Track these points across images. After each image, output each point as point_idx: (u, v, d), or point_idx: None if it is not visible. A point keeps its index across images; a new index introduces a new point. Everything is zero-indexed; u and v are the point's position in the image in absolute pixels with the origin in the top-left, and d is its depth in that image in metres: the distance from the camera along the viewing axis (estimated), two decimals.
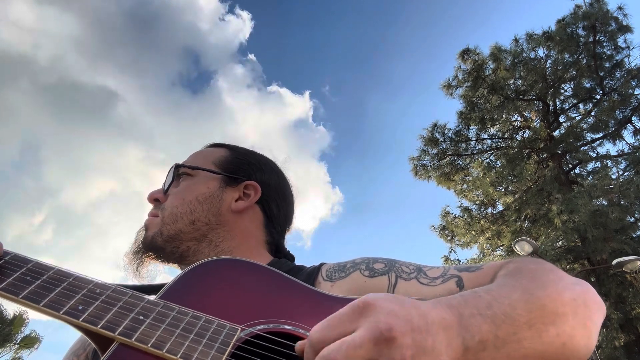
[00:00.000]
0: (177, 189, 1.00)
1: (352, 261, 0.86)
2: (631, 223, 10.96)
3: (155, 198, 1.01)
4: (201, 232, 0.95)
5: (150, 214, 1.00)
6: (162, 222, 0.95)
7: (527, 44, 13.23)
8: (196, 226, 0.95)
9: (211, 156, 1.06)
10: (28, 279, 0.58)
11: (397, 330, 0.44)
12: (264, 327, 0.62)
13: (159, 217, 0.97)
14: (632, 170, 11.73)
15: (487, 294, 0.56)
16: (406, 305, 0.48)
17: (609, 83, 12.75)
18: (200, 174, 1.02)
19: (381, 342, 0.44)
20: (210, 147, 1.13)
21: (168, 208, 0.97)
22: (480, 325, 0.51)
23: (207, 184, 1.00)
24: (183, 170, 1.02)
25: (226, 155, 1.07)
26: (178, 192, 0.99)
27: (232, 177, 1.02)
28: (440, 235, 13.76)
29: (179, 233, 0.94)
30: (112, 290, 0.61)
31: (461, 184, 14.19)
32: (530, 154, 13.05)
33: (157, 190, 1.03)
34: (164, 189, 1.02)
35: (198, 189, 0.99)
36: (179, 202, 0.97)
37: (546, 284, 0.59)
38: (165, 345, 0.54)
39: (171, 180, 1.02)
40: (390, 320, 0.45)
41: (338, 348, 0.44)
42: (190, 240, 0.95)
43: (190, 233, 0.95)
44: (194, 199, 0.97)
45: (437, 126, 14.10)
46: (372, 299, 0.48)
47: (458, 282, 0.74)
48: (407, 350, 0.44)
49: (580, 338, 0.57)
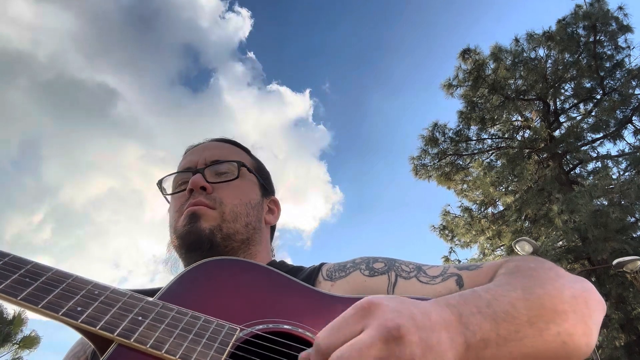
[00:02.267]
0: (228, 185, 0.97)
1: (352, 261, 0.86)
2: (632, 223, 10.96)
3: (202, 186, 0.94)
4: (249, 234, 0.96)
5: (201, 202, 0.92)
6: (221, 218, 0.92)
7: (528, 43, 13.21)
8: (248, 229, 0.96)
9: (246, 160, 1.07)
10: (27, 280, 0.58)
11: (405, 328, 0.44)
12: (263, 327, 0.62)
13: (217, 211, 0.92)
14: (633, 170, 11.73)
15: (487, 293, 0.56)
16: (408, 304, 0.48)
17: (609, 83, 12.74)
18: (247, 176, 1.03)
19: (390, 340, 0.44)
20: (233, 146, 1.11)
21: (228, 204, 0.94)
22: (481, 324, 0.51)
23: (254, 189, 1.03)
24: (242, 171, 1.01)
25: (256, 163, 1.10)
26: (233, 190, 0.97)
27: (266, 188, 1.08)
28: (441, 235, 13.76)
29: (235, 233, 0.93)
30: (111, 291, 0.61)
31: (461, 184, 14.18)
32: (531, 153, 13.05)
33: (200, 177, 0.95)
34: (205, 178, 0.96)
35: (250, 193, 1.01)
36: (237, 202, 0.96)
37: (546, 282, 0.59)
38: (164, 345, 0.54)
39: (235, 176, 0.98)
40: (397, 318, 0.45)
41: (349, 350, 0.43)
42: (239, 241, 0.94)
43: (242, 235, 0.94)
44: (249, 202, 0.98)
45: (437, 126, 14.09)
46: (375, 298, 0.48)
47: (458, 280, 0.74)
48: (416, 348, 0.44)
49: (581, 336, 0.57)
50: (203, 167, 0.99)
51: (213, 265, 0.71)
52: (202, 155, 1.02)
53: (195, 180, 0.94)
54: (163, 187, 1.06)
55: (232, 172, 1.00)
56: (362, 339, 0.44)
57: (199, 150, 1.06)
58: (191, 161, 1.02)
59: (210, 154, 1.02)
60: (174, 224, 0.96)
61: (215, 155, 1.02)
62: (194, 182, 0.94)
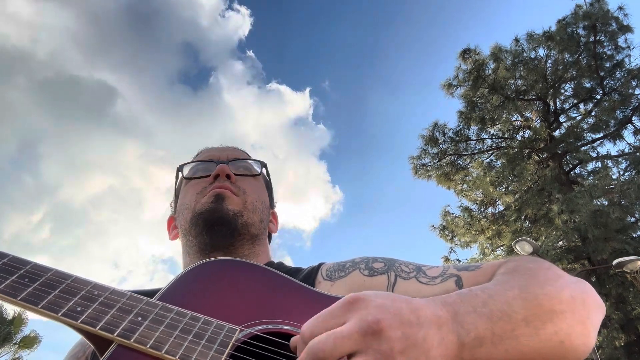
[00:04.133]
0: (249, 181, 1.03)
1: (352, 260, 0.87)
2: (632, 223, 10.96)
3: (228, 174, 0.99)
4: (259, 232, 1.00)
5: (227, 187, 0.97)
6: (244, 206, 0.97)
7: (528, 43, 13.22)
8: (262, 225, 1.01)
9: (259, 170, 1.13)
10: (26, 281, 0.58)
11: (385, 323, 0.45)
12: (262, 328, 0.62)
13: (240, 199, 0.97)
14: (633, 170, 11.73)
15: (484, 292, 0.56)
16: (397, 301, 0.49)
17: (609, 83, 12.74)
18: (261, 181, 1.10)
19: (368, 334, 0.44)
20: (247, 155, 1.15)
21: (250, 196, 0.99)
22: (476, 322, 0.51)
23: (265, 193, 1.09)
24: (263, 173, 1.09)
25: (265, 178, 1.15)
26: (253, 186, 1.03)
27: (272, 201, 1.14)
28: (441, 235, 13.76)
29: (252, 225, 0.97)
30: (111, 291, 0.61)
31: (461, 184, 14.18)
32: (531, 153, 13.05)
33: (226, 166, 1.00)
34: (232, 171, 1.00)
35: (263, 195, 1.07)
36: (256, 197, 1.01)
37: (544, 282, 0.59)
38: (164, 346, 0.54)
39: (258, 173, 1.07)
40: (379, 313, 0.46)
41: (326, 338, 0.45)
42: (251, 234, 0.98)
43: (256, 228, 0.99)
44: (264, 202, 1.05)
45: (437, 126, 14.10)
46: (362, 294, 0.49)
47: (457, 281, 0.74)
48: (395, 343, 0.44)
49: (578, 336, 0.57)
50: (226, 160, 1.04)
51: (213, 265, 0.71)
52: (224, 152, 1.09)
53: (222, 167, 0.99)
54: (183, 173, 1.08)
55: (255, 169, 1.07)
56: (340, 330, 0.45)
57: (220, 149, 1.13)
58: (213, 155, 1.08)
59: (231, 153, 1.10)
60: (192, 206, 0.97)
61: (236, 155, 1.10)
62: (221, 168, 0.99)
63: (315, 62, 40.98)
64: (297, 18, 42.11)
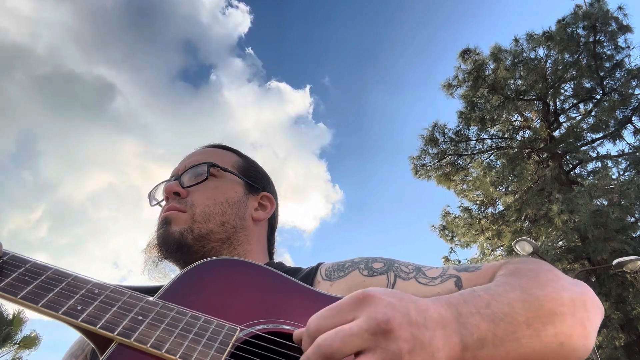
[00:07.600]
0: (203, 187, 1.00)
1: (351, 260, 0.86)
2: (632, 223, 10.96)
3: (175, 191, 0.98)
4: (228, 234, 0.97)
5: (172, 207, 0.96)
6: (192, 220, 0.94)
7: (528, 44, 13.22)
8: (225, 228, 0.97)
9: (229, 160, 1.09)
10: (26, 279, 0.58)
11: (395, 322, 0.44)
12: (263, 327, 0.62)
13: (187, 214, 0.95)
14: (633, 170, 11.74)
15: (486, 293, 0.56)
16: (405, 300, 0.49)
17: (609, 83, 12.74)
18: (226, 176, 1.04)
19: (378, 332, 0.44)
20: (219, 149, 1.13)
21: (199, 206, 0.96)
22: (479, 324, 0.51)
23: (234, 188, 1.03)
24: (214, 171, 1.03)
25: (242, 162, 1.11)
26: (206, 191, 0.99)
27: (253, 186, 1.08)
28: (441, 235, 13.77)
29: (209, 233, 0.95)
30: (111, 290, 0.61)
31: (461, 184, 14.19)
32: (531, 154, 13.06)
33: (175, 184, 0.99)
34: (182, 184, 1.00)
35: (227, 191, 1.01)
36: (210, 202, 0.97)
37: (545, 284, 0.59)
38: (165, 345, 0.54)
39: (205, 177, 1.00)
40: (389, 312, 0.45)
41: (334, 335, 0.44)
42: (217, 241, 0.96)
43: (219, 234, 0.96)
44: (225, 201, 0.99)
45: (437, 126, 14.10)
46: (372, 290, 0.49)
47: (457, 282, 0.74)
48: (403, 343, 0.44)
49: (578, 338, 0.57)
50: (182, 173, 1.03)
51: (213, 265, 0.71)
52: (184, 163, 1.07)
53: (167, 188, 0.99)
54: (154, 198, 1.09)
55: (204, 173, 1.02)
56: (349, 327, 0.45)
57: (185, 158, 1.10)
58: (175, 169, 1.08)
59: (192, 160, 1.06)
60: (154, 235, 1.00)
61: (195, 161, 1.05)
62: (167, 189, 1.00)
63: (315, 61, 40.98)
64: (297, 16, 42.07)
